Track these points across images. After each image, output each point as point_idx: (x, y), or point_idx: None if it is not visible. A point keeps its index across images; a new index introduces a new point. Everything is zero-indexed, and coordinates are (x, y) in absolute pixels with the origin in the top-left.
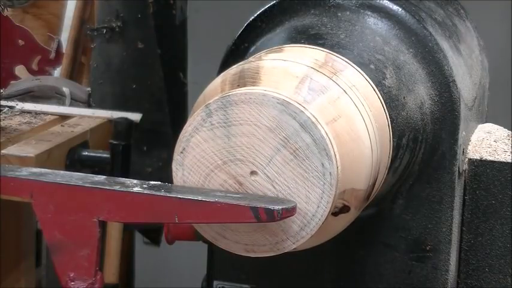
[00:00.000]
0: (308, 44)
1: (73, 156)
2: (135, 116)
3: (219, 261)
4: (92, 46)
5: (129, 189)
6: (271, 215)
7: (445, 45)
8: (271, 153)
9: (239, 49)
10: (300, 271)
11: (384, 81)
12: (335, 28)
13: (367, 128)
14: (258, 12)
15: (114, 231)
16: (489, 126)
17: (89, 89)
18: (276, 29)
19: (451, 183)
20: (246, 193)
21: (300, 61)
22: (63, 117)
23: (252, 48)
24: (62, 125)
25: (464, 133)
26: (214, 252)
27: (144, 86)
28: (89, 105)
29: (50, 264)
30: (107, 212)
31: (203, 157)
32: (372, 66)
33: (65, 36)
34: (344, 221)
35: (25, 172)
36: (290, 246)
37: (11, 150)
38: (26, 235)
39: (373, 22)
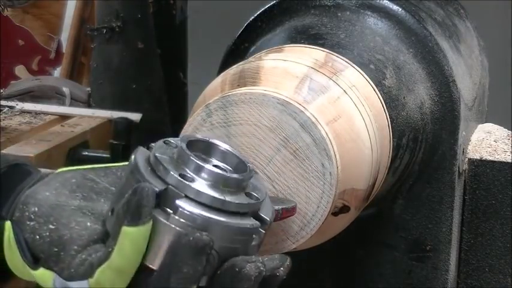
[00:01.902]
0: (308, 44)
1: (73, 156)
2: (135, 116)
3: None
4: (92, 46)
5: None
6: None
7: (445, 45)
8: (271, 153)
9: (239, 49)
10: (300, 271)
11: (384, 81)
12: (335, 28)
13: (367, 128)
14: (258, 12)
15: None
16: (489, 126)
17: (89, 89)
18: (276, 29)
19: (451, 183)
20: None
21: (300, 61)
22: (63, 117)
23: (252, 48)
24: (62, 125)
25: (464, 133)
26: None
27: (144, 86)
28: (89, 105)
29: None
30: None
31: None
32: (372, 66)
33: (65, 36)
34: (344, 221)
35: None
36: (290, 246)
37: (11, 150)
38: None
39: (373, 22)
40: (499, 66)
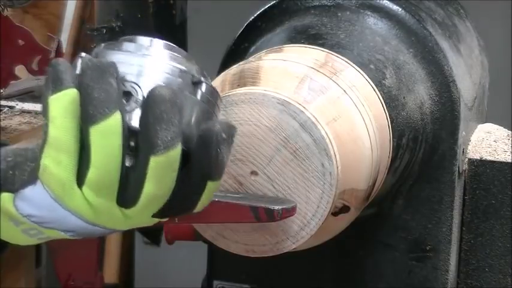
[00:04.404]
0: (308, 44)
1: None
2: None
3: (219, 261)
4: (92, 46)
5: None
6: (271, 215)
7: (445, 45)
8: (271, 153)
9: (239, 49)
10: (300, 271)
11: (384, 81)
12: (335, 28)
13: (367, 128)
14: (258, 12)
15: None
16: (489, 126)
17: None
18: (276, 29)
19: (451, 183)
20: (246, 193)
21: (300, 61)
22: None
23: (252, 48)
24: None
25: (464, 133)
26: (214, 252)
27: None
28: None
29: (50, 264)
30: None
31: None
32: (372, 66)
33: (65, 36)
34: (344, 221)
35: None
36: (290, 246)
37: None
38: None
39: (373, 22)
40: (499, 66)
